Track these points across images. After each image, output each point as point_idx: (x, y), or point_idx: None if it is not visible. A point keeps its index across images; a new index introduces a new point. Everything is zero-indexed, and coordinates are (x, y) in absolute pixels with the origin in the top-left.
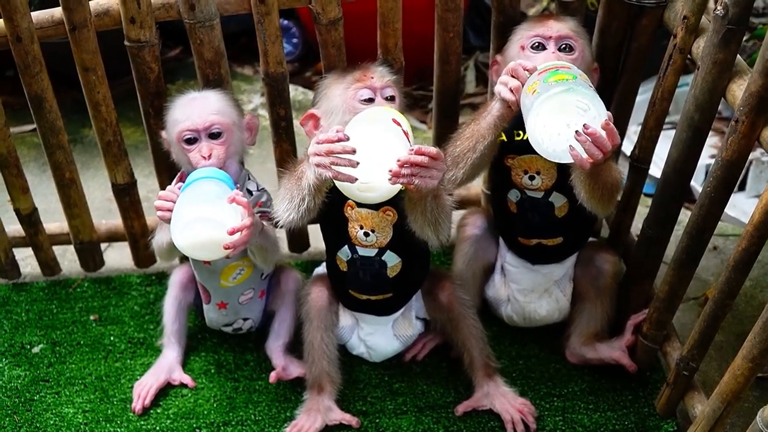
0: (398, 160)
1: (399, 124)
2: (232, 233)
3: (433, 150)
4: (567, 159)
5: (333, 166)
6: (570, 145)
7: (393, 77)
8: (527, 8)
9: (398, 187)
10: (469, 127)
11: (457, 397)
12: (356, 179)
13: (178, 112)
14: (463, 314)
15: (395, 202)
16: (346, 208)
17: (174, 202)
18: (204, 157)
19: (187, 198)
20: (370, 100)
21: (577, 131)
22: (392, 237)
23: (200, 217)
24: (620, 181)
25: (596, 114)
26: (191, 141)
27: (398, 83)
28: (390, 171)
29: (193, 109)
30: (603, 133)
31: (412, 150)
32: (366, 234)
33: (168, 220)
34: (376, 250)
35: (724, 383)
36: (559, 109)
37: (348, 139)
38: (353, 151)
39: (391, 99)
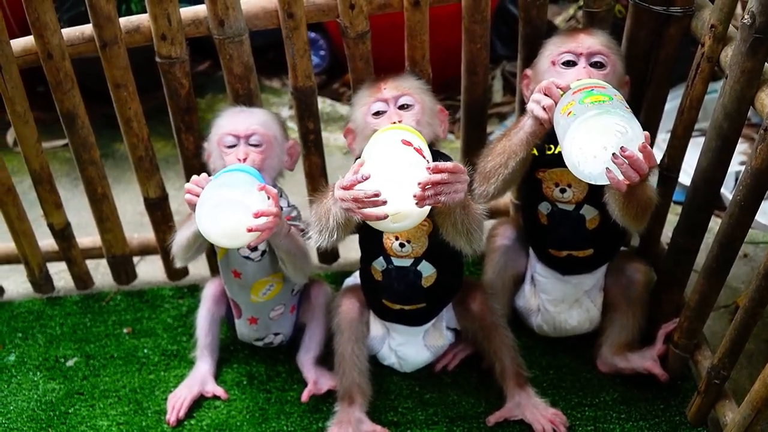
0: (419, 184)
1: (410, 143)
2: (257, 216)
3: (450, 164)
4: (603, 181)
5: (360, 210)
6: (607, 168)
7: (409, 85)
8: (553, 16)
9: (428, 209)
10: (501, 143)
11: (488, 407)
12: (386, 216)
13: (224, 120)
14: (495, 323)
15: (430, 213)
16: None
17: (203, 188)
18: (239, 160)
19: (216, 183)
20: (382, 113)
21: (614, 154)
22: (428, 247)
23: (227, 199)
24: (654, 198)
25: (633, 136)
26: (231, 146)
27: (419, 89)
28: (415, 196)
29: (239, 118)
30: (640, 156)
31: (430, 169)
32: (401, 245)
33: (194, 206)
34: (412, 260)
35: (754, 391)
36: (596, 131)
37: (369, 177)
38: (378, 194)
39: (406, 107)
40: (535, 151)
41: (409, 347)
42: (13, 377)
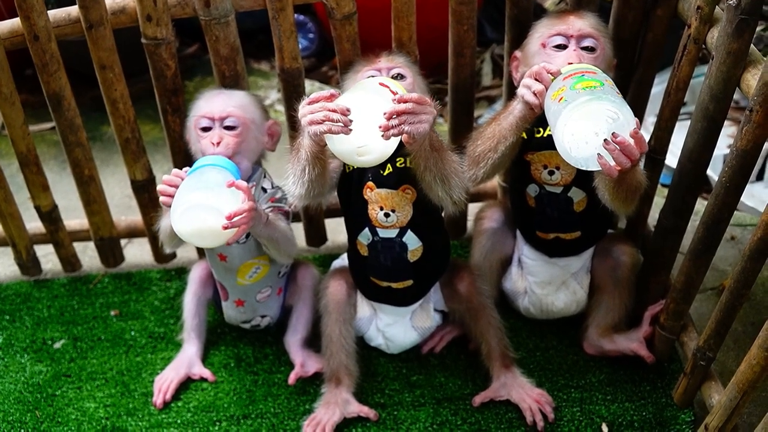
0: (384, 114)
1: (387, 86)
2: (229, 218)
3: (415, 95)
4: (595, 167)
5: (326, 122)
6: (598, 154)
7: (404, 61)
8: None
9: (394, 144)
10: (490, 127)
11: (475, 389)
12: (350, 131)
13: (201, 102)
14: (483, 304)
15: (414, 180)
16: (365, 190)
17: (176, 188)
18: (213, 144)
19: (188, 184)
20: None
21: (605, 140)
22: (412, 216)
23: (198, 204)
24: (643, 182)
25: (624, 122)
26: (206, 129)
27: (412, 67)
28: (380, 127)
29: (216, 100)
30: (632, 142)
31: (395, 100)
32: (386, 215)
33: (169, 205)
34: (397, 231)
35: (740, 373)
36: (587, 117)
37: (337, 95)
38: (347, 110)
39: (399, 77)
40: (524, 134)
41: (396, 328)
42: (1, 360)
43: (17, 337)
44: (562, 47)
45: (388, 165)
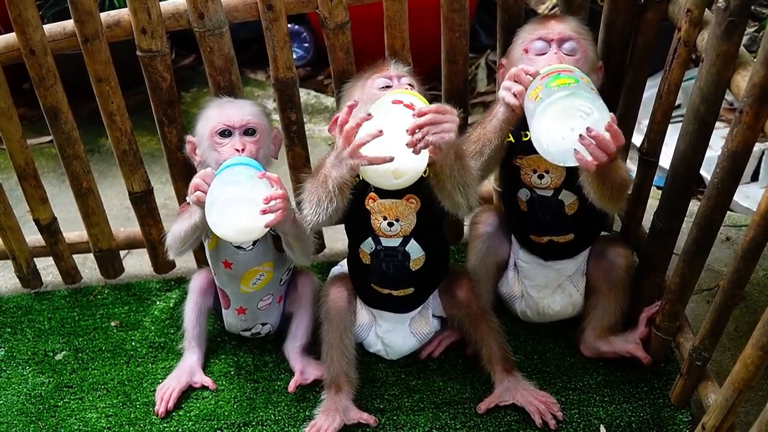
0: (407, 130)
1: (401, 101)
2: (266, 201)
3: (434, 106)
4: (572, 162)
5: (361, 151)
6: (575, 149)
7: (408, 69)
8: (537, 5)
9: (424, 161)
10: (476, 131)
11: (474, 393)
12: (391, 159)
13: (213, 112)
14: (482, 310)
15: (418, 189)
16: (367, 201)
17: (209, 185)
18: (237, 150)
19: (220, 181)
20: (388, 87)
21: (580, 135)
22: (416, 225)
23: (234, 197)
24: (628, 179)
25: (599, 117)
26: (225, 134)
27: (414, 77)
28: (407, 144)
29: (230, 108)
30: (607, 136)
31: (414, 114)
32: (390, 224)
33: (202, 203)
34: (401, 240)
35: (735, 372)
36: (562, 114)
37: (369, 118)
38: (380, 132)
39: (410, 87)
40: (511, 138)
41: (395, 334)
42: (3, 372)
43: (19, 350)
44: (543, 51)
45: None
